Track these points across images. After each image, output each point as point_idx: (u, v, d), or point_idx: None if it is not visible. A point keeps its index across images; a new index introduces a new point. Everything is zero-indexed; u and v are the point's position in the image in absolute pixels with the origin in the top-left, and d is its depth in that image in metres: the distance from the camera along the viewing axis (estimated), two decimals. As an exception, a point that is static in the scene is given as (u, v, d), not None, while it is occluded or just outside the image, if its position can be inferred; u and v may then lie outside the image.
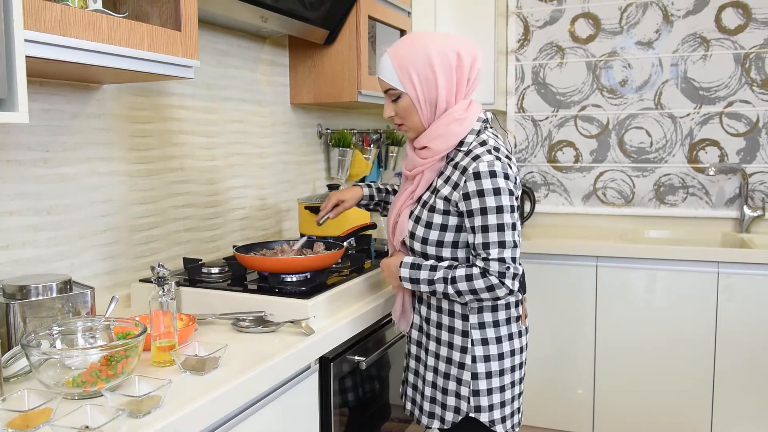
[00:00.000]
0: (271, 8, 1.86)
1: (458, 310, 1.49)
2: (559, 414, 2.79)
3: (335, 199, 1.77)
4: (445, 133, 1.46)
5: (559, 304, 2.75)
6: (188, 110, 1.92)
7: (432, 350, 1.54)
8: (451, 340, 1.50)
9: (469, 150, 1.45)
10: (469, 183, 1.39)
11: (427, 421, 1.57)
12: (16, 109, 0.99)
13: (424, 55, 1.44)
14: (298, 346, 1.35)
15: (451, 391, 1.51)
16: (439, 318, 1.53)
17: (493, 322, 1.49)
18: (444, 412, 1.52)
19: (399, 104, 1.49)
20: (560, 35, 3.24)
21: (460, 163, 1.44)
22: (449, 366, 1.51)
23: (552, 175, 3.32)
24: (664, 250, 2.60)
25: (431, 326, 1.55)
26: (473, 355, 1.48)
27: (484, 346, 1.48)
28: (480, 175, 1.38)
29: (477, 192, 1.38)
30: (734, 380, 2.53)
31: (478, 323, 1.48)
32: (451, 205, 1.44)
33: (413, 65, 1.45)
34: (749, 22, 2.93)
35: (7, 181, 1.40)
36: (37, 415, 0.95)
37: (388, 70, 1.48)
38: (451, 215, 1.44)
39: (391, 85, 1.48)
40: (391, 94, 1.50)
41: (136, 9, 1.41)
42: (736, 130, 2.99)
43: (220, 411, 1.12)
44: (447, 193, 1.44)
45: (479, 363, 1.48)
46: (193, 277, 1.70)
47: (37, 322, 1.25)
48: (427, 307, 1.56)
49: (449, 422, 1.52)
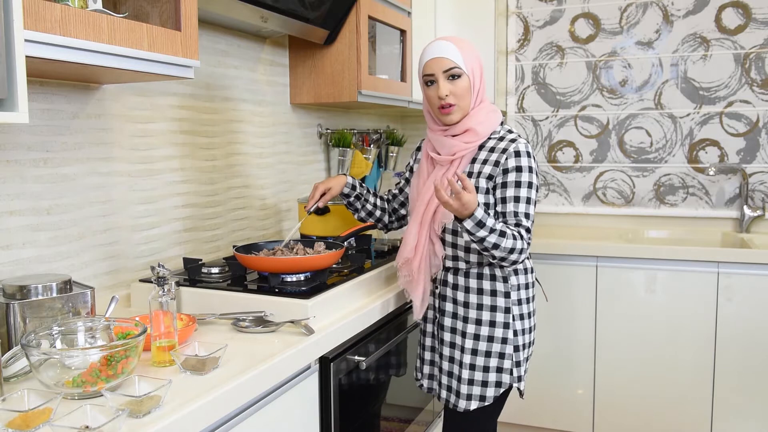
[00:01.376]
0: (271, 8, 1.86)
1: (501, 289, 1.64)
2: (559, 414, 2.79)
3: (322, 187, 1.83)
4: (486, 121, 1.64)
5: (559, 304, 2.75)
6: (188, 110, 1.92)
7: (470, 332, 1.64)
8: (494, 318, 1.64)
9: (502, 136, 1.64)
10: (510, 159, 1.58)
11: (465, 404, 1.64)
12: (16, 109, 0.99)
13: (475, 51, 1.65)
14: (298, 346, 1.35)
15: (492, 368, 1.64)
16: (479, 300, 1.64)
17: (526, 299, 1.68)
18: (485, 389, 1.64)
19: (458, 84, 1.62)
20: (560, 35, 3.24)
21: (498, 146, 1.62)
22: (490, 344, 1.63)
23: (552, 175, 3.32)
24: (664, 250, 2.60)
25: (470, 309, 1.65)
26: (515, 329, 1.64)
27: (521, 320, 1.66)
28: (520, 154, 1.58)
29: (516, 167, 1.57)
30: (734, 380, 2.53)
31: (518, 299, 1.65)
32: (492, 182, 1.60)
33: (471, 54, 1.63)
34: (749, 22, 2.93)
35: (7, 181, 1.40)
36: (37, 415, 0.95)
37: (453, 52, 1.61)
38: (491, 194, 1.60)
39: (457, 64, 1.61)
40: (454, 72, 1.61)
41: (136, 9, 1.41)
42: (736, 130, 2.99)
43: (220, 411, 1.12)
44: (490, 171, 1.60)
45: (519, 336, 1.65)
46: (193, 277, 1.70)
47: (37, 322, 1.25)
48: (464, 291, 1.66)
49: (491, 398, 1.65)
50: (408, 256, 1.67)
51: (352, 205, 1.88)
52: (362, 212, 1.89)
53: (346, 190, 1.84)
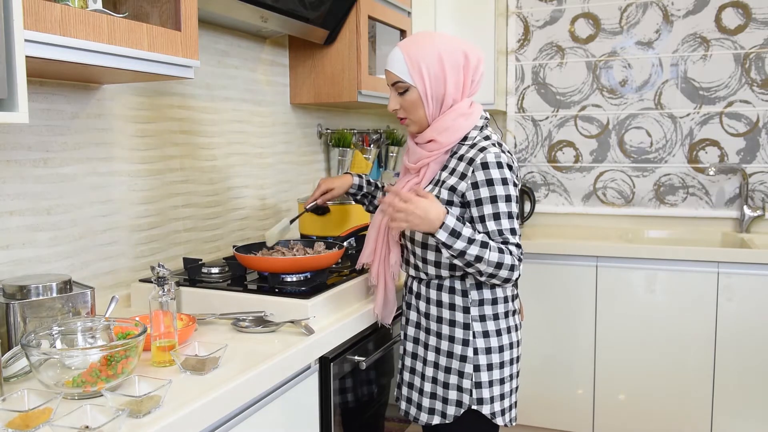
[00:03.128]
0: (271, 8, 1.86)
1: (459, 303, 1.51)
2: (559, 414, 2.79)
3: (325, 186, 1.79)
4: (452, 127, 1.50)
5: (559, 304, 2.75)
6: (188, 110, 1.92)
7: (432, 345, 1.55)
8: (453, 333, 1.52)
9: (474, 143, 1.50)
10: (477, 173, 1.43)
11: (426, 417, 1.56)
12: (16, 109, 0.99)
13: (435, 52, 1.48)
14: (298, 346, 1.35)
15: (452, 385, 1.52)
16: (439, 312, 1.54)
17: (493, 315, 1.52)
18: (445, 406, 1.53)
19: (406, 97, 1.52)
20: (560, 35, 3.24)
21: (466, 155, 1.48)
22: (450, 360, 1.52)
23: (552, 175, 3.32)
24: (664, 250, 2.60)
25: (431, 321, 1.55)
26: (475, 347, 1.50)
27: (485, 338, 1.51)
28: (488, 165, 1.43)
29: (486, 181, 1.43)
30: (734, 380, 2.53)
31: (479, 315, 1.51)
32: (456, 195, 1.47)
33: (424, 61, 1.48)
34: (749, 22, 2.93)
35: (7, 181, 1.40)
36: (37, 415, 0.95)
37: (398, 63, 1.50)
38: (454, 206, 1.48)
39: (401, 78, 1.50)
40: (399, 87, 1.52)
41: (136, 9, 1.41)
42: (736, 130, 2.99)
43: (220, 411, 1.12)
44: (453, 183, 1.47)
45: (481, 355, 1.50)
46: (193, 277, 1.70)
47: (37, 322, 1.25)
48: (425, 302, 1.56)
49: (451, 416, 1.52)
50: (365, 261, 1.64)
51: (359, 201, 1.89)
52: (371, 207, 1.89)
53: (352, 191, 1.82)
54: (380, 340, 1.76)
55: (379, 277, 1.62)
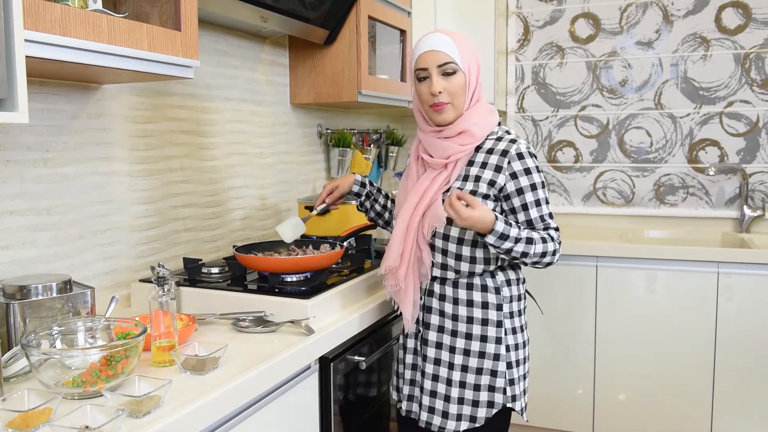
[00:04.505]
0: (271, 8, 1.86)
1: (493, 301, 1.52)
2: (559, 414, 2.79)
3: (330, 186, 1.75)
4: (481, 122, 1.53)
5: (559, 304, 2.75)
6: (188, 110, 1.92)
7: (460, 347, 1.52)
8: (485, 332, 1.52)
9: (500, 137, 1.54)
10: (514, 163, 1.48)
11: (454, 425, 1.51)
12: (16, 109, 0.99)
13: (472, 48, 1.53)
14: (298, 346, 1.35)
15: (484, 386, 1.51)
16: (470, 312, 1.52)
17: (518, 311, 1.57)
18: (475, 410, 1.51)
19: (452, 80, 1.49)
20: (560, 35, 3.24)
21: (496, 148, 1.52)
22: (482, 360, 1.51)
23: (552, 175, 3.32)
24: (664, 250, 2.60)
25: (459, 322, 1.52)
26: (507, 344, 1.53)
27: (514, 335, 1.54)
28: (523, 155, 1.49)
29: (525, 170, 1.48)
30: (734, 380, 2.53)
31: (509, 312, 1.54)
32: (495, 188, 1.49)
33: (469, 51, 1.51)
34: (749, 22, 2.93)
35: (7, 181, 1.40)
36: (37, 415, 0.95)
37: (449, 45, 1.48)
38: (490, 200, 1.49)
39: (453, 59, 1.48)
40: (448, 68, 1.49)
41: (136, 9, 1.41)
42: (736, 130, 2.99)
43: (220, 411, 1.12)
44: (491, 176, 1.49)
45: (512, 352, 1.53)
46: (193, 277, 1.70)
47: (37, 322, 1.25)
48: (452, 303, 1.53)
49: (482, 419, 1.51)
50: (393, 265, 1.54)
51: (363, 205, 1.80)
52: (371, 212, 1.81)
53: (356, 189, 1.75)
54: (380, 340, 1.76)
55: (408, 281, 1.54)
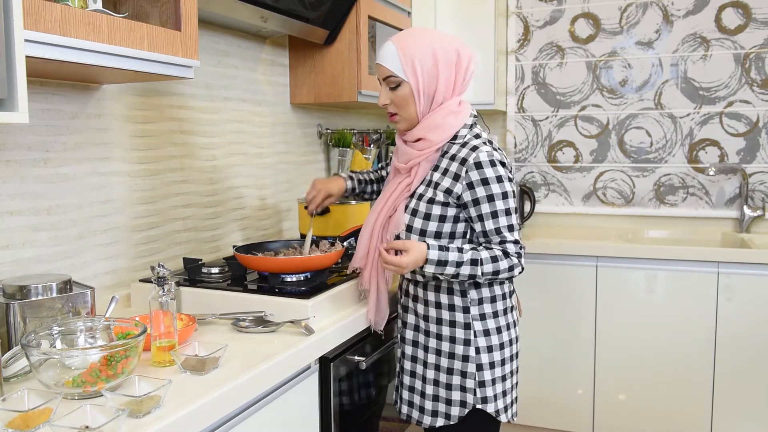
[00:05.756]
0: (271, 8, 1.86)
1: (459, 303, 1.51)
2: (559, 414, 2.79)
3: (324, 193, 1.77)
4: (443, 125, 1.49)
5: (559, 304, 2.75)
6: (188, 110, 1.92)
7: (432, 347, 1.55)
8: (453, 334, 1.52)
9: (465, 142, 1.49)
10: (471, 173, 1.44)
11: (430, 420, 1.56)
12: (16, 109, 0.99)
13: (429, 47, 1.47)
14: (298, 346, 1.35)
15: (455, 386, 1.52)
16: (438, 314, 1.53)
17: (492, 313, 1.53)
18: (449, 408, 1.53)
19: (397, 92, 1.50)
20: (560, 35, 3.24)
21: (458, 155, 1.48)
22: (452, 360, 1.52)
23: (552, 175, 3.32)
24: (664, 250, 2.60)
25: (431, 323, 1.55)
26: (476, 346, 1.51)
27: (486, 336, 1.51)
28: (482, 165, 1.44)
29: (481, 180, 1.44)
30: (734, 380, 2.53)
31: (479, 314, 1.51)
32: (452, 197, 1.47)
33: (417, 56, 1.46)
34: (749, 22, 2.93)
35: (7, 181, 1.40)
36: (37, 415, 0.95)
37: (391, 57, 1.48)
38: (450, 206, 1.47)
39: (393, 72, 1.48)
40: (391, 82, 1.50)
41: (136, 9, 1.41)
42: (736, 130, 2.99)
43: (220, 411, 1.12)
44: (448, 185, 1.47)
45: (483, 354, 1.51)
46: (193, 277, 1.70)
47: (37, 322, 1.25)
48: (424, 304, 1.56)
49: (455, 417, 1.52)
50: (358, 265, 1.61)
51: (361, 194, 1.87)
52: (366, 196, 1.87)
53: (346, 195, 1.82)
54: (380, 341, 1.76)
55: (372, 282, 1.59)
